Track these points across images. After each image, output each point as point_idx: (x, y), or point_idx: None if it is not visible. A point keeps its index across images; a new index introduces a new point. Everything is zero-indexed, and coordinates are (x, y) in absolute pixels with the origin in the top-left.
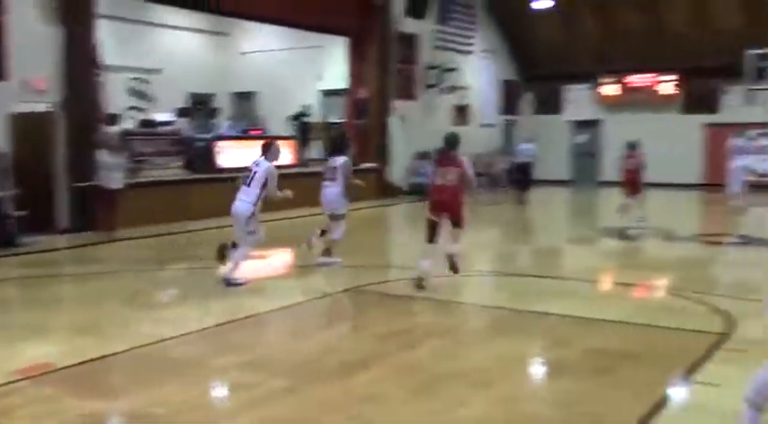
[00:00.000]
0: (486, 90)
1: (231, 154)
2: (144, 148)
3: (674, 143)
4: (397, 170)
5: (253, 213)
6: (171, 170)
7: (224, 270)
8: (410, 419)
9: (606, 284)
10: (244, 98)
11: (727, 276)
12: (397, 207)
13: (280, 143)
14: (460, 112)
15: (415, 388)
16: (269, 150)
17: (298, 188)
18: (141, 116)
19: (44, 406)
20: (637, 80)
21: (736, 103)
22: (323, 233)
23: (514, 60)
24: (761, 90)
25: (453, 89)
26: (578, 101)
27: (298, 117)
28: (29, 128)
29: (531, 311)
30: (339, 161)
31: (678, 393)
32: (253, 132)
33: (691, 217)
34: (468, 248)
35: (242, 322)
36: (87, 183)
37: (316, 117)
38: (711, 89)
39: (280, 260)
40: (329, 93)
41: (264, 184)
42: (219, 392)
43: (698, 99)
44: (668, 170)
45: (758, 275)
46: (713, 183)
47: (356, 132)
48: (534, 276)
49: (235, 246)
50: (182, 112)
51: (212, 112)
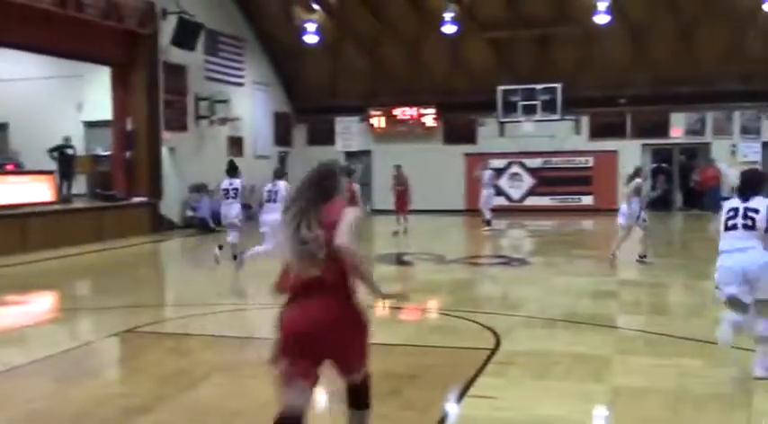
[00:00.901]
0: (260, 122)
1: None
2: None
3: (438, 171)
4: (170, 203)
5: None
6: None
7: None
8: None
9: (385, 309)
10: None
11: (492, 294)
12: (170, 242)
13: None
14: (235, 144)
15: None
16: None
17: (57, 226)
18: None
19: None
20: (402, 113)
21: (490, 135)
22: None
23: (287, 93)
24: (509, 122)
25: (226, 120)
26: (350, 132)
27: (57, 149)
28: None
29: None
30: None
31: (456, 408)
32: (8, 167)
33: (457, 241)
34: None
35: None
36: None
37: (80, 149)
38: (468, 121)
39: (40, 306)
40: (93, 124)
41: None
42: None
43: (457, 131)
44: (435, 197)
45: (518, 291)
46: (475, 209)
47: (125, 165)
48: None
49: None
50: None
51: None
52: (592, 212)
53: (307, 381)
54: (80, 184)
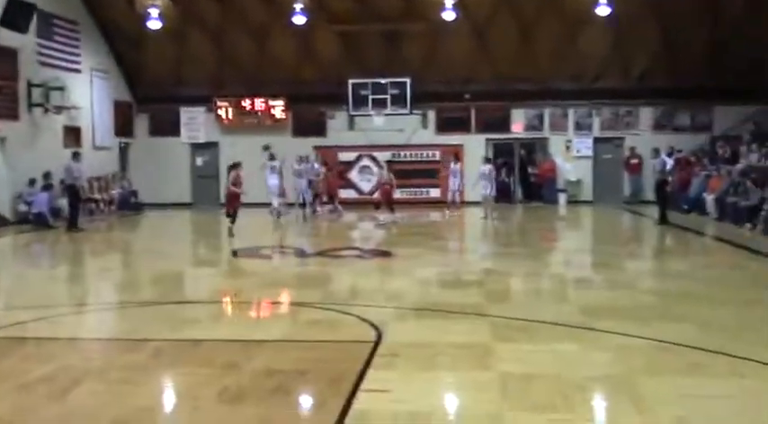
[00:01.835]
0: (100, 111)
1: None
2: None
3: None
4: (1, 197)
5: None
6: None
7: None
8: None
9: (254, 305)
10: None
11: (361, 287)
12: (3, 239)
13: None
14: (72, 134)
15: None
16: None
17: None
18: None
19: None
20: (250, 104)
21: (340, 128)
22: None
23: (128, 81)
24: (359, 115)
25: (62, 109)
26: (196, 123)
27: None
28: None
29: (185, 339)
30: None
31: (354, 403)
32: None
33: (312, 235)
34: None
35: None
36: None
37: None
38: (318, 114)
39: None
40: None
41: None
42: None
43: (306, 123)
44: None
45: (386, 283)
46: (328, 202)
47: None
48: (173, 302)
49: None
50: None
51: None
52: (440, 204)
53: None
54: None
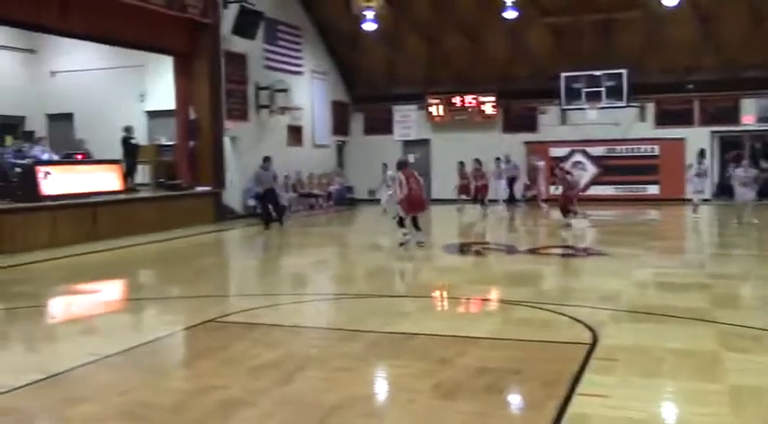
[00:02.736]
0: (319, 111)
1: (58, 181)
2: None
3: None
4: (232, 193)
5: None
6: None
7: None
8: None
9: (465, 301)
10: (60, 120)
11: (575, 286)
12: (233, 231)
13: None
14: (295, 133)
15: (309, 423)
16: None
17: (125, 215)
18: None
19: None
20: (461, 101)
21: (552, 123)
22: None
23: (344, 81)
24: (572, 109)
25: (286, 110)
26: (408, 121)
27: (125, 139)
28: None
29: (398, 332)
30: None
31: (571, 407)
32: (77, 156)
33: (524, 231)
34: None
35: (91, 367)
36: None
37: (142, 139)
38: (529, 109)
39: (118, 295)
40: (155, 114)
41: None
42: None
43: (517, 118)
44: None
45: (601, 283)
46: (534, 198)
47: (188, 154)
48: (386, 296)
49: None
50: None
51: (28, 135)
52: (658, 202)
53: None
54: (144, 174)
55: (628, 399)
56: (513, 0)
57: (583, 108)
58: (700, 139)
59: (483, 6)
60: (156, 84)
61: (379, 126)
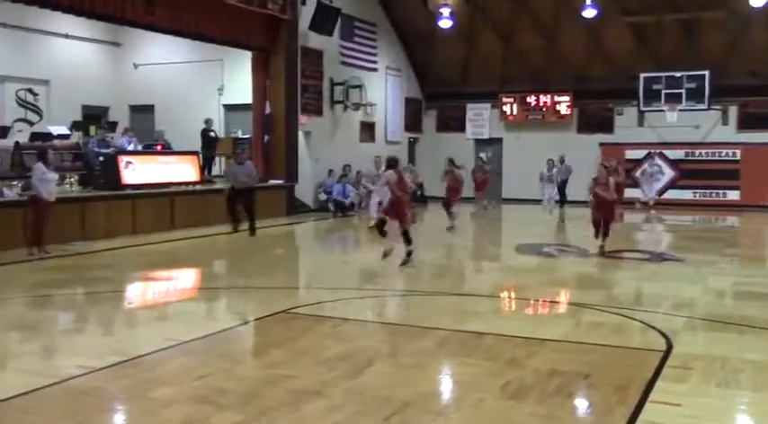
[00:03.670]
0: (392, 107)
1: (138, 170)
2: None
3: (572, 161)
4: (304, 187)
5: None
6: (67, 186)
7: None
8: None
9: (535, 302)
10: (141, 111)
11: (648, 291)
12: (305, 225)
13: None
14: (367, 129)
15: (378, 417)
16: None
17: (201, 206)
18: (31, 129)
19: None
20: (535, 100)
21: (628, 124)
22: None
23: (418, 78)
24: (651, 111)
25: (359, 105)
26: (481, 119)
27: (204, 132)
28: None
29: (468, 331)
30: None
31: (643, 414)
32: (157, 147)
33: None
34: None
35: (169, 352)
36: None
37: (219, 132)
38: (605, 109)
39: (193, 283)
40: (232, 108)
41: None
42: None
43: (592, 119)
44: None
45: (676, 290)
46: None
47: (263, 148)
48: (457, 294)
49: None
50: (76, 125)
51: (111, 126)
52: (738, 208)
53: None
54: (220, 166)
55: (701, 408)
56: None
57: (662, 110)
58: None
59: (561, 4)
60: (234, 78)
61: (452, 123)
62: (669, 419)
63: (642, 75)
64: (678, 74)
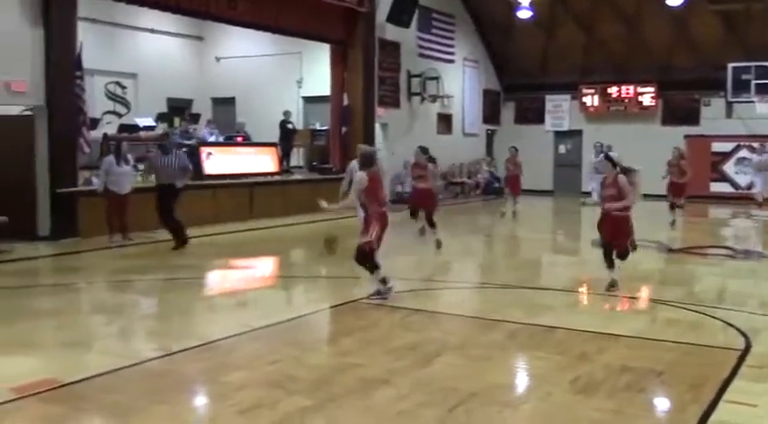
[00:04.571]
0: (469, 99)
1: (219, 161)
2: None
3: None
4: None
5: None
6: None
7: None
8: None
9: (611, 297)
10: (223, 103)
11: (729, 289)
12: None
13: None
14: (444, 121)
15: (444, 407)
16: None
17: (279, 196)
18: (119, 120)
19: None
20: (617, 91)
21: (715, 115)
22: None
23: (496, 70)
24: (740, 102)
25: (436, 97)
26: (560, 111)
27: (283, 123)
28: (6, 131)
29: (539, 324)
30: None
31: (716, 413)
32: (237, 138)
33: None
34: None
35: (243, 338)
36: (72, 189)
37: (298, 124)
38: (691, 100)
39: (268, 271)
40: (311, 100)
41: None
42: (238, 410)
43: (677, 110)
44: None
45: (760, 288)
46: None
47: (340, 139)
48: (529, 287)
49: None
50: (161, 117)
51: (194, 118)
52: None
53: None
54: (298, 157)
55: None
56: None
57: (751, 101)
58: None
59: None
60: (312, 71)
61: (531, 115)
62: (743, 420)
63: (730, 65)
64: None
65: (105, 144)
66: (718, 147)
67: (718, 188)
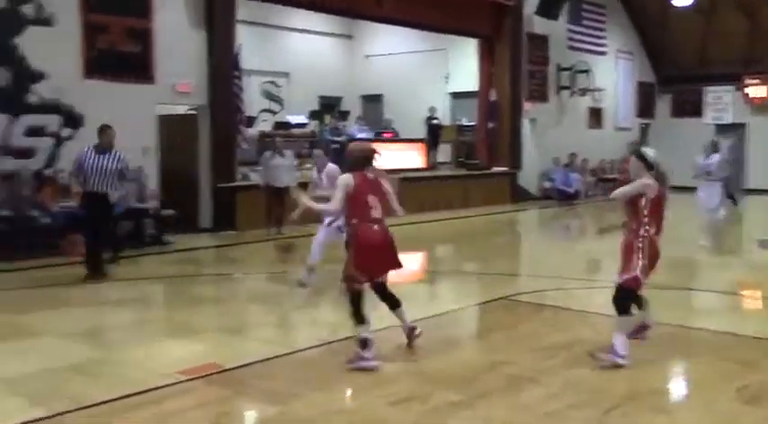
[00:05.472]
0: (622, 92)
1: None
2: None
3: None
4: (528, 174)
5: None
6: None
7: None
8: None
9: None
10: (371, 100)
11: None
12: (527, 212)
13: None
14: (595, 115)
15: (597, 410)
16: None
17: (427, 192)
18: (274, 118)
19: (218, 408)
20: None
21: None
22: None
23: (651, 61)
24: None
25: (587, 91)
26: (721, 103)
27: (428, 120)
28: (173, 129)
29: (698, 328)
30: None
31: None
32: (385, 135)
33: None
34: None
35: (396, 330)
36: (231, 184)
37: (445, 119)
38: None
39: (422, 266)
40: (458, 96)
41: None
42: (390, 401)
43: None
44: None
45: None
46: None
47: (487, 135)
48: (688, 289)
49: None
50: (313, 115)
51: (343, 115)
52: None
53: None
54: (445, 153)
55: None
56: None
57: None
58: None
59: None
60: (459, 66)
61: (688, 108)
62: None
63: None
64: None
65: (262, 141)
66: None
67: None
